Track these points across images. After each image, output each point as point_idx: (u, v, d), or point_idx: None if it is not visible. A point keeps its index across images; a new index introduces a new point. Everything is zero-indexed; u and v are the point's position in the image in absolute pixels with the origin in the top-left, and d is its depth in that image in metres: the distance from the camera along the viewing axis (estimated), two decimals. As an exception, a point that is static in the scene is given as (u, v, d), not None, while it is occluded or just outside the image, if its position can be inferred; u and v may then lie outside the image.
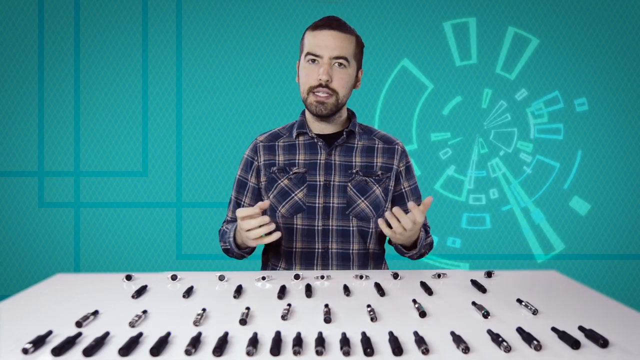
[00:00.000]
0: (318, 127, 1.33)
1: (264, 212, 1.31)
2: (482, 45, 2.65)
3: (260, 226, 1.07)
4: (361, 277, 1.09)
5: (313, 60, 1.23)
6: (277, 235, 1.07)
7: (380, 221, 1.08)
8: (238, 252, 1.26)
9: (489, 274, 1.11)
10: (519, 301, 0.89)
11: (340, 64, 1.23)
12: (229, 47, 2.64)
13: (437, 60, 2.66)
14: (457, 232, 2.66)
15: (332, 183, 1.29)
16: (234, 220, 1.38)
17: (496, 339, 0.70)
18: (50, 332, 0.73)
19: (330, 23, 1.24)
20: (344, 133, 1.32)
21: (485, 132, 2.65)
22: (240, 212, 1.07)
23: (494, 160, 2.66)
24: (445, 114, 2.66)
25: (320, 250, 1.28)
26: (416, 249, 1.23)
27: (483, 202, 2.65)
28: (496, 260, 2.65)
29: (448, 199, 2.67)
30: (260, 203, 1.08)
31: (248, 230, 1.07)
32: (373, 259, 1.33)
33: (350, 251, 1.29)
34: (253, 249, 1.29)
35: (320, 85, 1.22)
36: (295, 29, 2.62)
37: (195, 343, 0.68)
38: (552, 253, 2.65)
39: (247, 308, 0.83)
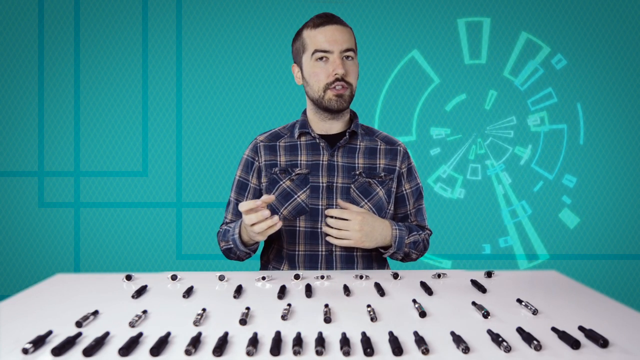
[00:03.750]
0: (321, 128, 1.32)
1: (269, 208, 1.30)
2: (493, 46, 2.65)
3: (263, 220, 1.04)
4: (361, 277, 1.09)
5: (321, 58, 1.22)
6: (280, 224, 1.06)
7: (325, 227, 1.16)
8: (244, 249, 1.23)
9: (489, 274, 1.11)
10: (519, 301, 0.89)
11: (348, 57, 1.23)
12: (229, 47, 2.64)
13: (446, 55, 2.66)
14: (502, 230, 2.66)
15: (334, 184, 1.27)
16: (233, 222, 1.37)
17: (496, 339, 0.70)
18: (50, 332, 0.72)
19: (332, 18, 1.24)
20: (347, 134, 1.30)
21: (485, 136, 2.65)
22: (243, 206, 1.04)
23: (488, 162, 2.66)
24: (448, 110, 2.66)
25: (324, 252, 1.26)
26: (392, 247, 1.23)
27: (449, 196, 2.65)
28: (478, 260, 2.65)
29: (440, 194, 2.67)
30: (264, 197, 1.05)
31: (252, 224, 1.05)
32: (376, 261, 1.32)
33: (355, 253, 1.28)
34: (257, 246, 1.27)
35: (336, 79, 1.21)
36: (296, 29, 2.61)
37: (195, 343, 0.68)
38: (535, 262, 2.66)
39: (247, 308, 0.83)
